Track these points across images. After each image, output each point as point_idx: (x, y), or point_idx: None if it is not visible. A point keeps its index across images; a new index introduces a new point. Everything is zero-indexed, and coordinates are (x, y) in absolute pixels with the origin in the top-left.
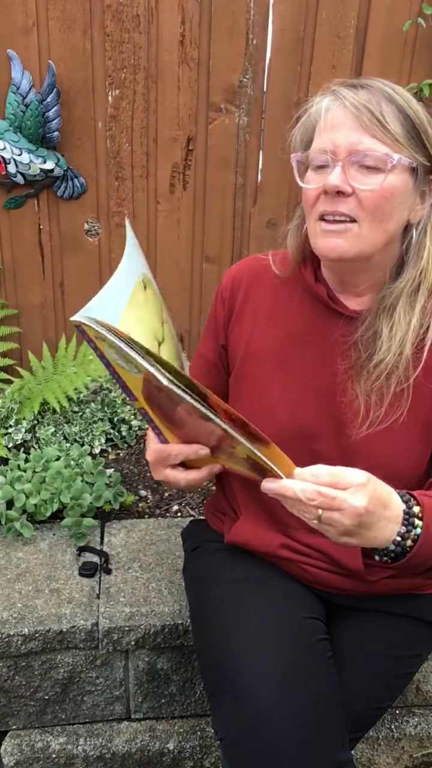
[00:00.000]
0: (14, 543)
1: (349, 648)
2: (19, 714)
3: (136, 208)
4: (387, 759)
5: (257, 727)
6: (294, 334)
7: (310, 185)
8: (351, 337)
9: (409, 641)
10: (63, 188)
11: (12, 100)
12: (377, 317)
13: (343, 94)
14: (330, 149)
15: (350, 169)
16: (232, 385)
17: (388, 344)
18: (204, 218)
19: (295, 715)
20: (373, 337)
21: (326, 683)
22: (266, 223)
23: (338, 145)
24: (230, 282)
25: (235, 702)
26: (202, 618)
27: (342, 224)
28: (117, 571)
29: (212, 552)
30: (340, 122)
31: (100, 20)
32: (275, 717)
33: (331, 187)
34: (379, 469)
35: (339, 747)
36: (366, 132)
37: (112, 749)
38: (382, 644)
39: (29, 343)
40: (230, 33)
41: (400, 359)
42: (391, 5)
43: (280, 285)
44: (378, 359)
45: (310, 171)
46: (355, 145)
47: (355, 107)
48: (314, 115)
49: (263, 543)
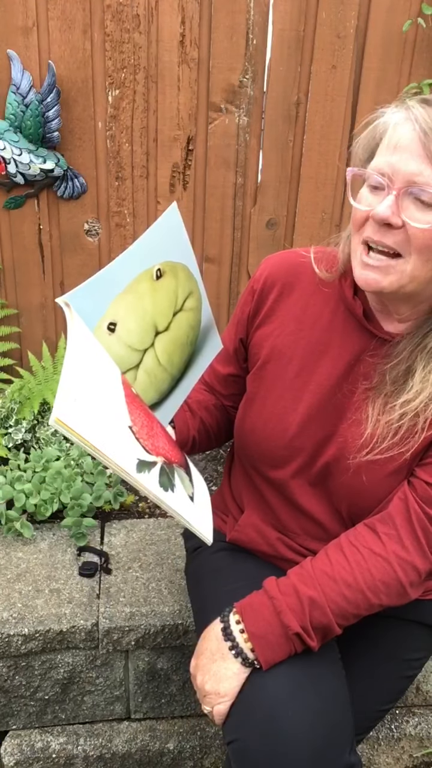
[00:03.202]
0: (14, 543)
1: (352, 651)
2: (19, 714)
3: (136, 208)
4: (387, 759)
5: (268, 729)
6: (321, 343)
7: (361, 206)
8: (380, 362)
9: (411, 644)
10: (63, 188)
11: (12, 100)
12: (414, 353)
13: (415, 112)
14: (388, 173)
15: (405, 199)
16: (250, 384)
17: (420, 386)
18: (204, 218)
19: (307, 717)
20: (405, 374)
21: (336, 684)
22: (266, 223)
23: (396, 170)
24: (264, 276)
25: (244, 704)
26: (204, 618)
27: (384, 259)
28: (117, 571)
29: (213, 552)
30: (404, 144)
31: (100, 20)
32: (286, 720)
33: (379, 218)
34: (359, 494)
35: (348, 749)
36: (430, 162)
37: (112, 749)
38: (384, 647)
39: (29, 343)
40: (230, 33)
41: (425, 409)
42: (391, 5)
43: (317, 288)
44: (405, 399)
45: (366, 189)
46: (414, 176)
47: (424, 131)
48: (381, 127)
49: (265, 541)
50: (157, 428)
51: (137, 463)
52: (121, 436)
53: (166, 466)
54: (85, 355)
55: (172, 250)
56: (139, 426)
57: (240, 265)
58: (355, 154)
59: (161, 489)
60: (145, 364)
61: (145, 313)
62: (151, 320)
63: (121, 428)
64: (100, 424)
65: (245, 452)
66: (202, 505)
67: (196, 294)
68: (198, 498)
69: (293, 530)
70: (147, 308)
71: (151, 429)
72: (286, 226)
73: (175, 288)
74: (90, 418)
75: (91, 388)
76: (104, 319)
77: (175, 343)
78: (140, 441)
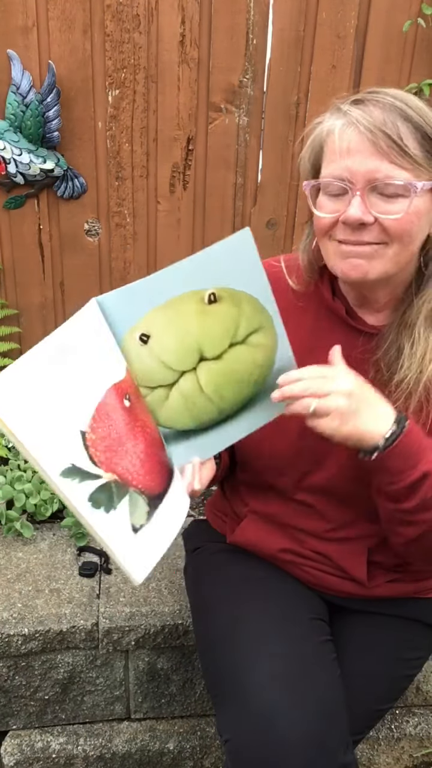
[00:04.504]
0: (14, 543)
1: (351, 650)
2: (19, 714)
3: (136, 208)
4: (387, 759)
5: (262, 728)
6: (309, 349)
7: (325, 213)
8: (372, 354)
9: (411, 644)
10: (63, 188)
11: (12, 100)
12: (399, 333)
13: (354, 115)
14: (346, 177)
15: (370, 197)
16: None
17: (409, 362)
18: (204, 218)
19: (301, 717)
20: (396, 354)
21: (331, 685)
22: (266, 223)
23: (355, 172)
24: None
25: (239, 703)
26: (204, 618)
27: (368, 247)
28: (117, 571)
29: (213, 552)
30: (355, 147)
31: (100, 20)
32: (281, 719)
33: (353, 220)
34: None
35: (343, 749)
36: (384, 158)
37: (112, 749)
38: (384, 647)
39: (29, 343)
40: (230, 33)
41: (421, 377)
42: (391, 5)
43: (294, 297)
44: (399, 378)
45: (324, 196)
46: (373, 173)
47: (370, 131)
48: (321, 137)
49: (267, 545)
50: (138, 449)
51: (67, 468)
52: (59, 434)
53: (115, 485)
54: (69, 347)
55: (237, 278)
56: (98, 435)
57: None
58: (304, 169)
59: (88, 503)
60: (183, 386)
61: (187, 334)
62: (194, 343)
63: (66, 427)
64: (34, 414)
65: (249, 465)
66: (149, 542)
67: (269, 332)
68: (147, 534)
69: (300, 529)
70: (191, 330)
71: (118, 445)
72: (286, 226)
73: (236, 318)
74: (22, 403)
75: (49, 377)
76: (136, 328)
77: (228, 376)
78: (89, 449)
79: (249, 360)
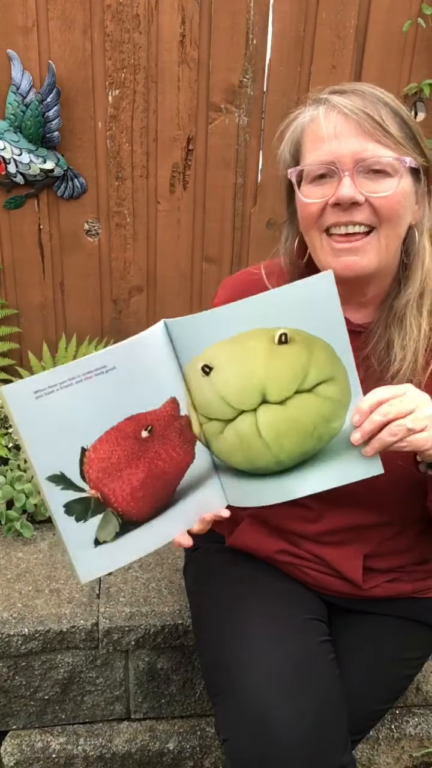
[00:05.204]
0: (14, 543)
1: (351, 650)
2: (19, 714)
3: (136, 208)
4: (387, 759)
5: (261, 729)
6: None
7: (313, 199)
8: (362, 351)
9: (410, 644)
10: (63, 188)
11: (12, 100)
12: (387, 327)
13: (335, 101)
14: (333, 160)
15: (358, 177)
16: None
17: (401, 353)
18: (204, 218)
19: (299, 718)
20: (386, 348)
21: (330, 685)
22: (266, 223)
23: (341, 155)
24: (222, 301)
25: (238, 703)
26: (203, 618)
27: (357, 239)
28: (117, 571)
29: (213, 553)
30: (340, 130)
31: (100, 20)
32: (279, 719)
33: (347, 199)
34: (376, 479)
35: (342, 749)
36: (369, 138)
37: (112, 749)
38: (384, 647)
39: (29, 343)
40: (230, 33)
41: (415, 367)
42: (391, 5)
43: None
44: (394, 370)
45: (306, 184)
46: (360, 153)
47: (355, 113)
48: (301, 126)
49: (264, 548)
50: (133, 477)
51: (55, 474)
52: (61, 443)
53: (95, 502)
54: (111, 364)
55: (312, 322)
56: (97, 456)
57: (240, 265)
58: (284, 159)
59: (62, 509)
60: (239, 425)
61: (252, 374)
62: (259, 384)
63: (69, 439)
64: (43, 416)
65: None
66: (105, 557)
67: (341, 386)
68: (107, 550)
69: (298, 533)
70: (256, 369)
71: (115, 469)
72: None
73: (306, 363)
74: (36, 401)
75: (75, 388)
76: (200, 358)
77: (291, 424)
78: (84, 465)
79: (315, 411)
